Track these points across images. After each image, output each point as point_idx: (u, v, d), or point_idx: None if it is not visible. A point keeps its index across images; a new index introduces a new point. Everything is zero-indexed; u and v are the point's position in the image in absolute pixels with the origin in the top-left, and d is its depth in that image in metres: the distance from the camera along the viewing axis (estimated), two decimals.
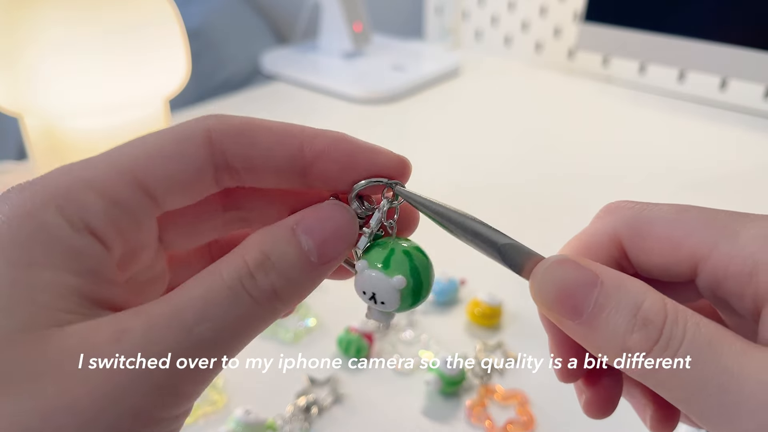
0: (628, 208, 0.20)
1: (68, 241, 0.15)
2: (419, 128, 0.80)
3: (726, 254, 0.17)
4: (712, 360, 0.15)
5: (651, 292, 0.17)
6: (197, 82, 0.93)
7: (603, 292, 0.17)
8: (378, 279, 0.19)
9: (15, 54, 0.49)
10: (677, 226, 0.18)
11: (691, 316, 0.16)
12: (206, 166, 0.18)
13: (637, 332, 0.16)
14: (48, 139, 0.55)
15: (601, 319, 0.17)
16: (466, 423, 0.37)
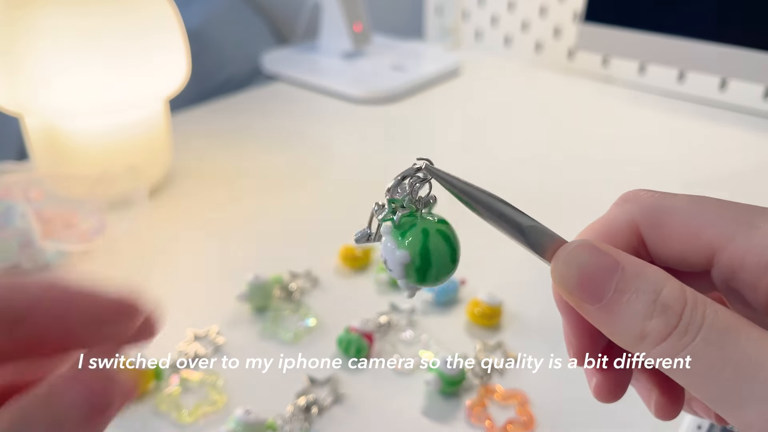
0: (647, 196, 0.20)
1: None
2: (419, 128, 0.80)
3: (743, 245, 0.17)
4: (730, 345, 0.16)
5: (671, 279, 0.17)
6: (197, 82, 0.93)
7: (623, 277, 0.17)
8: (389, 248, 0.19)
9: (16, 54, 0.49)
10: (696, 216, 0.18)
11: (711, 303, 0.16)
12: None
13: (656, 317, 0.16)
14: (48, 139, 0.55)
15: (621, 304, 0.17)
16: (466, 423, 0.37)
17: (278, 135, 0.77)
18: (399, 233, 0.20)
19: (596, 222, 0.20)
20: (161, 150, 0.61)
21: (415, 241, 0.19)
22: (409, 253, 0.19)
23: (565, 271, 0.18)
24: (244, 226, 0.57)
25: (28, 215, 0.49)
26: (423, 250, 0.19)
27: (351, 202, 0.62)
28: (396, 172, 0.21)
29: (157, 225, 0.57)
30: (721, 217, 0.18)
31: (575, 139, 0.75)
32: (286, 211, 0.60)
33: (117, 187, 0.56)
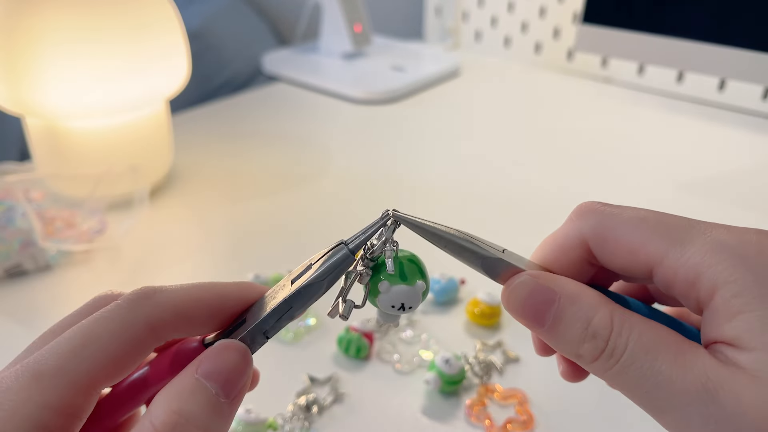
0: (596, 211, 0.22)
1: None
2: (419, 129, 0.80)
3: (674, 263, 0.19)
4: (648, 365, 0.19)
5: (601, 307, 0.20)
6: (198, 83, 0.94)
7: (560, 307, 0.20)
8: (404, 291, 0.22)
9: (18, 55, 0.49)
10: (635, 234, 0.20)
11: (636, 326, 0.19)
12: (148, 351, 0.20)
13: (587, 342, 0.20)
14: (50, 140, 0.56)
15: (559, 329, 0.20)
16: (465, 422, 0.37)
17: (279, 135, 0.77)
18: (398, 278, 0.22)
19: (551, 236, 0.23)
20: (162, 150, 0.61)
21: (414, 271, 0.22)
22: (423, 281, 0.22)
23: (512, 301, 0.21)
24: (245, 226, 0.57)
25: (29, 215, 0.49)
26: (422, 272, 0.22)
27: (351, 202, 0.62)
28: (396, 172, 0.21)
29: (157, 225, 0.57)
30: (656, 236, 0.20)
31: (574, 140, 0.75)
32: (287, 210, 0.60)
33: (118, 188, 0.56)
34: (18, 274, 0.49)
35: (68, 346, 0.18)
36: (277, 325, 0.21)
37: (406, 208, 0.23)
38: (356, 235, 0.22)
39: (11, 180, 0.53)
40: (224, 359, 0.19)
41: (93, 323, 0.19)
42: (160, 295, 0.20)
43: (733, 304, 0.18)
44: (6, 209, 0.49)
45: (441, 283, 0.46)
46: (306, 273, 0.21)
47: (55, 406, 0.17)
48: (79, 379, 0.18)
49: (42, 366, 0.18)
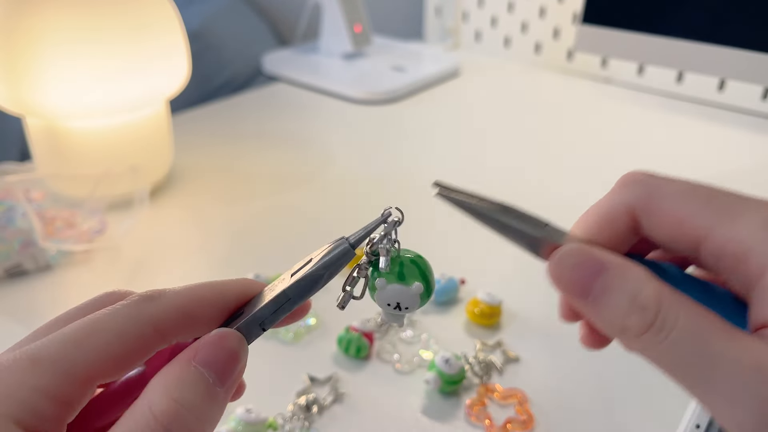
0: (643, 182, 0.21)
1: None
2: (419, 129, 0.80)
3: (722, 237, 0.19)
4: (699, 346, 0.18)
5: (650, 282, 0.19)
6: (198, 83, 0.94)
7: (607, 278, 0.20)
8: (400, 290, 0.22)
9: (18, 55, 0.49)
10: (683, 206, 0.20)
11: (684, 306, 0.19)
12: (152, 352, 0.20)
13: (635, 315, 0.19)
14: (50, 140, 0.56)
15: (604, 301, 0.19)
16: (465, 422, 0.37)
17: (279, 135, 0.77)
18: (396, 277, 0.22)
19: (595, 207, 0.22)
20: (162, 150, 0.61)
21: (414, 272, 0.22)
22: (420, 283, 0.22)
23: (558, 272, 0.21)
24: (245, 226, 0.57)
25: (29, 215, 0.49)
26: (422, 274, 0.22)
27: (351, 201, 0.62)
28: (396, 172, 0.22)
29: (157, 225, 0.57)
30: (706, 208, 0.19)
31: (574, 140, 0.75)
32: (287, 210, 0.60)
33: (118, 188, 0.56)
34: (18, 274, 0.49)
35: (71, 337, 0.18)
36: (274, 316, 0.21)
37: (405, 208, 0.23)
38: (358, 231, 0.22)
39: (11, 180, 0.53)
40: (221, 347, 0.19)
41: (98, 318, 0.19)
42: (164, 297, 0.20)
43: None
44: (6, 209, 0.49)
45: (441, 283, 0.46)
46: (306, 266, 0.21)
47: (49, 392, 0.17)
48: (77, 370, 0.18)
49: (42, 352, 0.18)
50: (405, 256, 0.23)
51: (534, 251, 0.22)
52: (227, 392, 0.19)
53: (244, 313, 0.21)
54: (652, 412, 0.37)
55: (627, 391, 0.39)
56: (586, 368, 0.41)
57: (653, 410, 0.38)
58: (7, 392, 0.17)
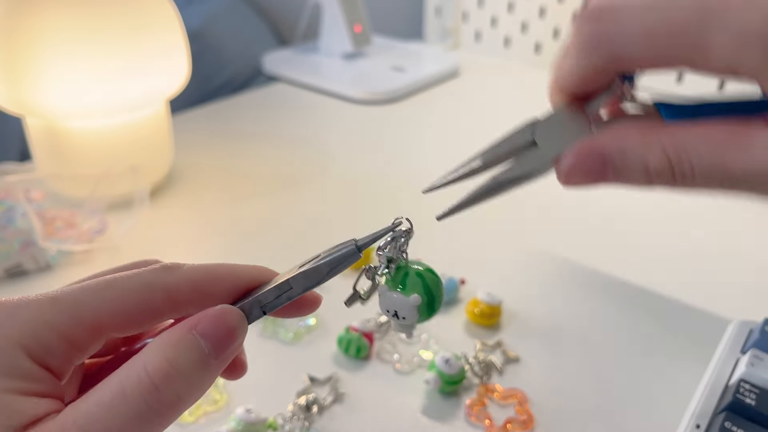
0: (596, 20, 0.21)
1: (30, 374, 0.18)
2: (419, 129, 0.80)
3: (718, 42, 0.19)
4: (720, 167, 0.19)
5: (649, 143, 0.20)
6: (198, 83, 0.94)
7: (615, 165, 0.21)
8: (398, 298, 0.22)
9: (18, 55, 0.49)
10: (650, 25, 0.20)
11: (690, 141, 0.20)
12: (161, 318, 0.21)
13: (655, 180, 0.20)
14: (50, 140, 0.56)
15: (623, 179, 0.21)
16: (465, 422, 0.37)
17: (279, 135, 0.77)
18: (398, 284, 0.23)
19: (570, 60, 0.22)
20: (162, 150, 0.61)
21: (416, 284, 0.23)
22: (419, 295, 0.22)
23: (570, 182, 0.22)
24: (245, 227, 0.57)
25: (29, 215, 0.49)
26: (426, 288, 0.22)
27: (351, 202, 0.62)
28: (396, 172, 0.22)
29: (157, 225, 0.57)
30: (677, 11, 0.19)
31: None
32: (287, 211, 0.60)
33: (118, 188, 0.56)
34: (18, 274, 0.49)
35: (90, 287, 0.20)
36: (275, 302, 0.22)
37: (405, 208, 0.23)
38: (368, 235, 0.23)
39: (11, 180, 0.53)
40: (222, 322, 0.20)
41: (118, 276, 0.21)
42: (181, 269, 0.21)
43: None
44: (6, 209, 0.49)
45: None
46: (313, 260, 0.22)
47: (60, 330, 0.19)
48: (87, 315, 0.19)
49: (61, 295, 0.20)
50: (412, 267, 0.23)
51: (540, 174, 0.23)
52: (220, 365, 0.20)
53: (251, 295, 0.22)
54: (652, 412, 0.37)
55: (627, 391, 0.39)
56: (586, 368, 0.41)
57: (653, 410, 0.38)
58: (22, 321, 0.19)
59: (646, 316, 0.46)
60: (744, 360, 0.36)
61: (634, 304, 0.47)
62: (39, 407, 0.18)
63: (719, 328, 0.42)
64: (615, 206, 0.59)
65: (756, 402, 0.32)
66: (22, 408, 0.18)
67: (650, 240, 0.55)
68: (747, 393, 0.33)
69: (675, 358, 0.41)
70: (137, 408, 0.18)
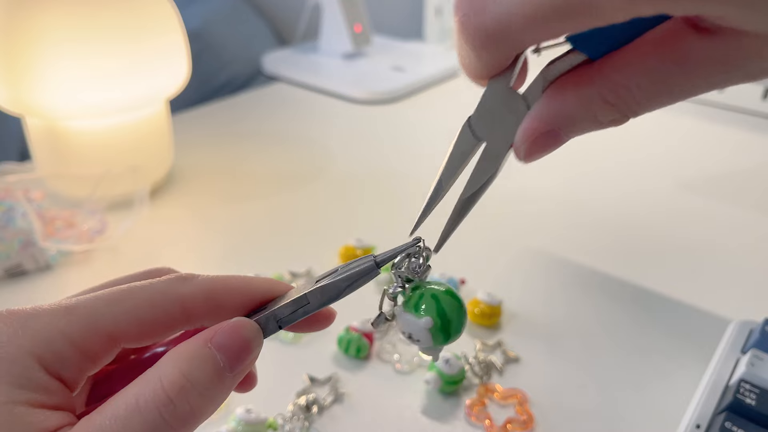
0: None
1: (43, 385, 0.18)
2: (419, 129, 0.80)
3: None
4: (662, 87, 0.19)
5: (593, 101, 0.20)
6: (198, 83, 0.94)
7: (564, 131, 0.21)
8: (410, 321, 0.22)
9: (18, 55, 0.49)
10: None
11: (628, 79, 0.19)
12: (176, 329, 0.21)
13: (609, 125, 0.20)
14: (50, 140, 0.56)
15: (579, 134, 0.21)
16: (465, 422, 0.37)
17: (279, 135, 0.77)
18: (412, 306, 0.22)
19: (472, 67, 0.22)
20: (162, 150, 0.61)
21: (430, 306, 0.22)
22: (431, 318, 0.22)
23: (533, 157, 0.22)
24: (245, 226, 0.57)
25: (29, 215, 0.49)
26: (440, 311, 0.22)
27: (351, 202, 0.62)
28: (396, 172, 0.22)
29: (157, 225, 0.57)
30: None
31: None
32: (287, 210, 0.60)
33: (118, 188, 0.56)
34: (18, 274, 0.49)
35: (105, 296, 0.20)
36: (291, 316, 0.22)
37: (405, 208, 0.23)
38: (387, 252, 0.22)
39: (11, 180, 0.53)
40: (238, 335, 0.20)
41: (134, 286, 0.21)
42: (195, 280, 0.21)
43: None
44: (6, 209, 0.49)
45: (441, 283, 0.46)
46: (331, 275, 0.22)
47: (74, 340, 0.19)
48: (103, 325, 0.19)
49: (76, 304, 0.19)
50: (429, 288, 0.22)
51: (499, 170, 0.23)
52: (235, 378, 0.20)
53: (266, 309, 0.22)
54: (652, 412, 0.37)
55: (627, 391, 0.39)
56: (586, 368, 0.41)
57: (653, 410, 0.38)
58: (36, 331, 0.18)
59: (646, 316, 0.46)
60: (744, 360, 0.36)
61: (634, 303, 0.47)
62: (52, 420, 0.18)
63: (719, 328, 0.42)
64: (615, 206, 0.59)
65: (756, 402, 0.32)
66: (35, 421, 0.17)
67: (650, 240, 0.55)
68: (747, 393, 0.33)
69: (675, 358, 0.41)
70: (152, 422, 0.18)
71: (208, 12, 1.28)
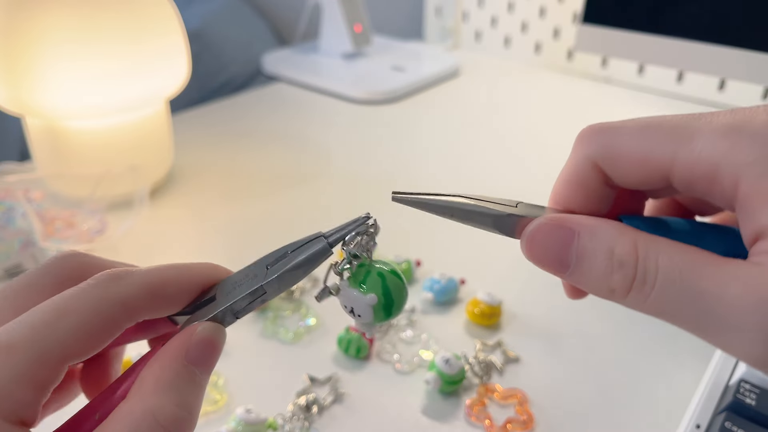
0: (597, 132, 0.21)
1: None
2: (419, 129, 0.80)
3: (687, 161, 0.18)
4: (686, 285, 0.17)
5: (622, 236, 0.19)
6: (198, 83, 0.94)
7: (580, 244, 0.19)
8: (355, 296, 0.22)
9: (18, 55, 0.49)
10: (641, 143, 0.19)
11: (663, 249, 0.18)
12: (121, 329, 0.20)
13: (616, 273, 0.18)
14: (50, 140, 0.56)
15: (584, 267, 0.19)
16: (465, 422, 0.37)
17: (279, 135, 0.77)
18: (358, 282, 0.22)
19: (563, 172, 0.22)
20: (162, 150, 0.61)
21: (375, 284, 0.22)
22: (375, 295, 0.22)
23: (531, 248, 0.21)
24: (245, 226, 0.57)
25: (29, 215, 0.49)
26: (385, 290, 0.22)
27: (351, 202, 0.62)
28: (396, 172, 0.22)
29: (157, 225, 0.57)
30: (663, 139, 0.18)
31: (574, 140, 0.75)
32: (287, 211, 0.60)
33: (118, 188, 0.56)
34: (18, 274, 0.49)
35: (41, 319, 0.18)
36: (249, 307, 0.22)
37: (405, 208, 0.23)
38: (336, 228, 0.22)
39: (11, 180, 0.53)
40: (209, 344, 0.21)
41: (66, 298, 0.19)
42: (131, 275, 0.20)
43: (763, 185, 0.16)
44: (6, 209, 0.49)
45: (441, 283, 0.46)
46: (282, 260, 0.22)
47: (25, 378, 0.17)
48: (50, 352, 0.18)
49: (13, 337, 0.18)
50: (375, 267, 0.23)
51: (505, 231, 0.22)
52: (207, 378, 0.21)
53: (216, 298, 0.22)
54: (652, 412, 0.37)
55: (627, 391, 0.39)
56: (586, 368, 0.41)
57: (653, 410, 0.38)
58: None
59: (646, 315, 0.46)
60: None
61: None
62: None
63: None
64: None
65: (756, 402, 0.32)
66: None
67: None
68: (747, 393, 0.33)
69: (675, 358, 0.41)
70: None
71: (208, 12, 1.28)
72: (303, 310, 0.45)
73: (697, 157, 0.18)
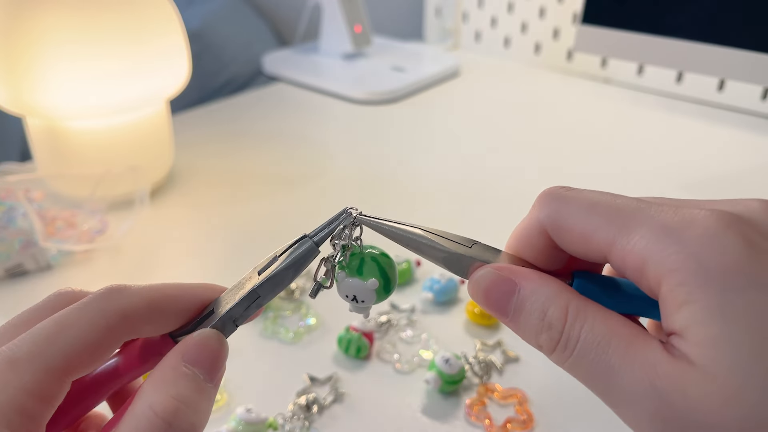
0: (553, 197, 0.22)
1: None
2: (419, 129, 0.80)
3: (622, 251, 0.19)
4: (598, 357, 0.19)
5: (558, 298, 0.20)
6: (198, 83, 0.94)
7: (520, 298, 0.21)
8: (356, 284, 0.24)
9: (19, 55, 0.49)
10: (586, 221, 0.20)
11: (590, 317, 0.19)
12: (121, 343, 0.20)
13: (545, 333, 0.20)
14: (51, 140, 0.56)
15: (520, 320, 0.21)
16: (465, 421, 0.37)
17: (279, 136, 0.77)
18: (354, 270, 0.23)
19: (518, 226, 0.23)
20: (163, 150, 0.61)
21: (372, 269, 0.23)
22: (376, 279, 0.23)
23: (475, 292, 0.22)
24: (245, 226, 0.57)
25: (30, 215, 0.49)
26: (382, 272, 0.23)
27: (351, 202, 0.62)
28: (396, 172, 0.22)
29: (158, 225, 0.57)
30: (606, 222, 0.20)
31: (574, 140, 0.75)
32: (287, 211, 0.60)
33: (118, 188, 0.56)
34: (19, 274, 0.49)
35: (43, 333, 0.19)
36: (245, 313, 0.22)
37: (405, 208, 0.23)
38: (318, 228, 0.23)
39: (12, 180, 0.53)
40: (206, 347, 0.21)
41: (67, 313, 0.19)
42: (131, 289, 0.21)
43: (678, 293, 0.17)
44: (7, 209, 0.49)
45: (441, 283, 0.46)
46: (273, 264, 0.23)
47: (31, 390, 0.17)
48: (54, 365, 0.18)
49: (17, 352, 0.18)
50: (367, 252, 0.24)
51: (455, 269, 0.22)
52: (215, 387, 0.21)
53: (214, 311, 0.22)
54: None
55: None
56: None
57: None
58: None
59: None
60: None
61: None
62: None
63: None
64: None
65: None
66: None
67: None
68: None
69: None
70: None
71: (209, 12, 1.28)
72: (303, 310, 0.45)
73: (631, 250, 0.19)
